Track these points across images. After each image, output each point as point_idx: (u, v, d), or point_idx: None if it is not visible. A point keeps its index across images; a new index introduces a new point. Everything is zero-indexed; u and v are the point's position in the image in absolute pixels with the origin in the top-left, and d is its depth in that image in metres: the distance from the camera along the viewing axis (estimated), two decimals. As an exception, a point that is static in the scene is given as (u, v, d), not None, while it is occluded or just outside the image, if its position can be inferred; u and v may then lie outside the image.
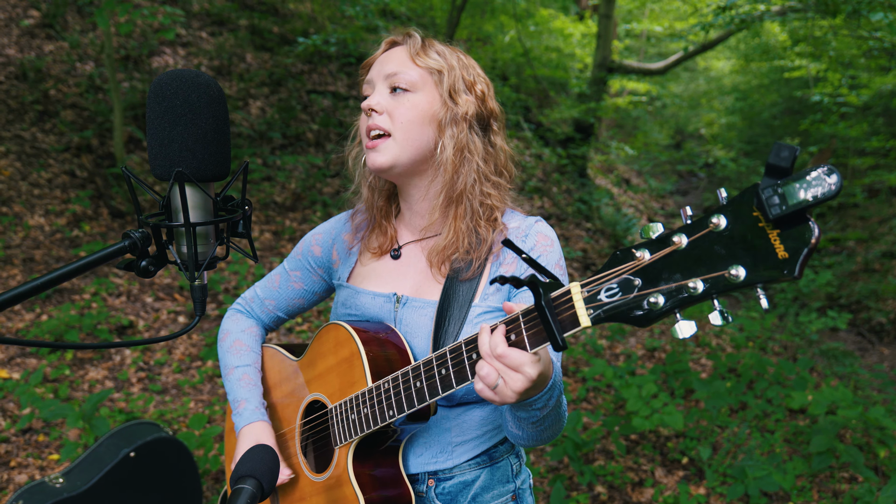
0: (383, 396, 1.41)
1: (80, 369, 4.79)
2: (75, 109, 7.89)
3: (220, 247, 1.20)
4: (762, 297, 0.87)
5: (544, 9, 12.97)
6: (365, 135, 1.54)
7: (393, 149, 1.51)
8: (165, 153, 1.11)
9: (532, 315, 1.11)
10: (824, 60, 10.45)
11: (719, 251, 0.90)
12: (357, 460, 1.50)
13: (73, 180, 7.02)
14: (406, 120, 1.50)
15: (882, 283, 9.06)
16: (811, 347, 6.85)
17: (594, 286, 1.01)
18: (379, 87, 1.54)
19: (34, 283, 1.03)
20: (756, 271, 0.87)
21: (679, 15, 13.55)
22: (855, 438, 4.32)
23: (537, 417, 1.29)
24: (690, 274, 0.92)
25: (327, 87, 10.09)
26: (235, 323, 1.84)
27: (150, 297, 5.76)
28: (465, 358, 1.23)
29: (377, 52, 1.62)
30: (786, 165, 0.84)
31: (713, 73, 18.62)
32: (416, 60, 1.53)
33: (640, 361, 5.86)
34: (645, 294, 0.96)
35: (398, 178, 1.58)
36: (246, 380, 1.74)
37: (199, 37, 9.79)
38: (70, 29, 8.79)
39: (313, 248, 1.78)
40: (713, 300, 0.92)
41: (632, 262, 0.98)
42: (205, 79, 1.13)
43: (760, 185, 0.86)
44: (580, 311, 1.02)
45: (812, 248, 0.83)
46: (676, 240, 0.94)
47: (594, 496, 3.96)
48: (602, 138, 14.02)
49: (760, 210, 0.86)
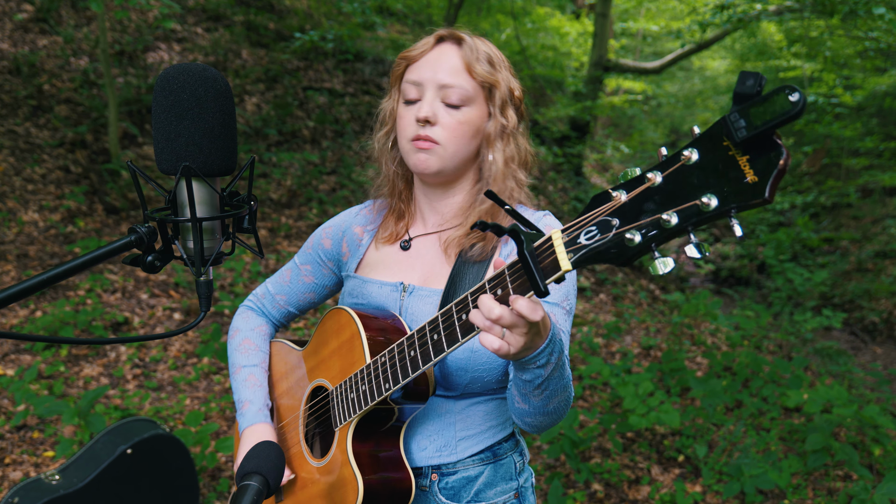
0: (380, 370, 1.42)
1: (75, 366, 4.77)
2: (69, 104, 7.84)
3: (225, 242, 1.19)
4: (735, 224, 0.87)
5: (541, 7, 12.97)
6: (410, 137, 1.55)
7: (442, 157, 1.53)
8: (172, 147, 1.10)
9: (516, 267, 1.12)
10: (819, 61, 10.48)
11: (692, 182, 0.90)
12: (357, 440, 1.50)
13: (67, 176, 6.98)
14: (459, 134, 1.53)
15: (875, 283, 9.11)
16: (805, 346, 6.88)
17: (573, 230, 1.03)
18: (430, 94, 1.53)
19: (40, 278, 1.02)
20: (727, 197, 0.87)
21: (675, 14, 13.56)
22: (849, 437, 4.35)
23: (542, 378, 1.29)
24: (665, 208, 0.93)
25: (323, 83, 10.06)
26: (246, 321, 1.86)
27: (146, 293, 5.74)
28: (455, 320, 1.24)
29: (424, 47, 1.58)
30: (751, 93, 0.86)
31: (708, 72, 18.63)
32: (472, 72, 1.53)
33: (636, 359, 5.87)
34: (621, 232, 0.96)
35: (437, 180, 1.61)
36: (251, 381, 1.75)
37: (194, 32, 9.74)
38: (64, 23, 8.74)
39: (323, 241, 1.80)
40: (689, 233, 0.92)
41: (609, 204, 0.99)
42: (212, 73, 1.13)
43: (728, 114, 0.87)
44: (560, 255, 1.03)
45: (781, 170, 0.84)
46: (651, 176, 0.94)
47: (591, 494, 3.96)
48: (598, 137, 14.04)
49: (729, 137, 0.87)
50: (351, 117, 9.75)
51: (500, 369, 1.54)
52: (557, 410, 1.41)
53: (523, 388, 1.35)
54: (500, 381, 1.57)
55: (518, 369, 1.31)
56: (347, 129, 9.37)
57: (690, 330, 6.65)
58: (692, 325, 6.75)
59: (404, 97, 1.56)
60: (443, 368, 1.54)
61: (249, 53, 9.81)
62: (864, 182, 11.89)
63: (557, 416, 1.42)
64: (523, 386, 1.35)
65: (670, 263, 0.95)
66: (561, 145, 11.49)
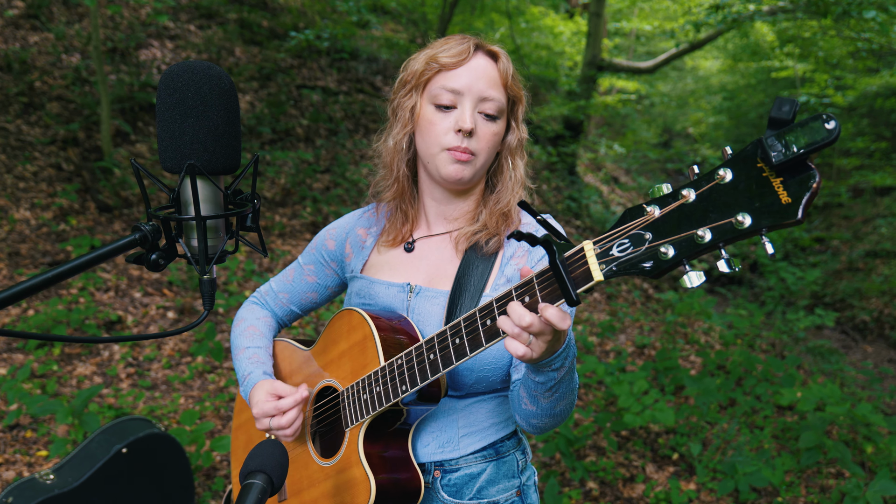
0: (396, 373, 1.43)
1: (68, 365, 4.75)
2: (61, 102, 7.79)
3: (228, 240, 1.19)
4: (767, 243, 0.91)
5: (535, 6, 12.98)
6: (447, 146, 1.54)
7: (475, 168, 1.57)
8: (176, 145, 1.10)
9: (546, 276, 1.15)
10: (811, 61, 10.54)
11: (726, 201, 0.95)
12: (367, 441, 1.51)
13: (59, 173, 6.94)
14: (492, 146, 1.58)
15: (866, 282, 9.17)
16: (798, 345, 6.92)
17: (605, 242, 1.06)
18: (470, 105, 1.54)
19: (46, 276, 1.02)
20: (761, 217, 0.92)
21: (668, 14, 13.60)
22: (841, 435, 4.37)
23: (554, 381, 1.33)
24: (699, 224, 0.97)
25: (317, 82, 10.04)
26: (251, 312, 1.88)
27: (139, 292, 5.71)
28: (479, 325, 1.27)
29: (460, 55, 1.56)
30: (787, 118, 0.90)
31: (701, 72, 18.72)
32: (507, 86, 1.59)
33: (631, 358, 5.89)
34: (655, 246, 1.00)
35: (461, 187, 1.62)
36: (255, 358, 1.75)
37: (187, 30, 9.70)
38: (55, 20, 8.68)
39: (327, 242, 1.81)
40: (721, 248, 0.96)
41: (642, 218, 1.03)
42: (216, 71, 1.12)
43: (764, 137, 0.91)
44: (593, 265, 1.07)
45: (814, 192, 0.89)
46: (685, 193, 0.98)
47: (586, 492, 3.97)
48: (591, 136, 14.06)
49: (764, 159, 0.91)
50: (345, 115, 9.74)
51: (504, 368, 1.56)
52: (564, 412, 1.43)
53: (534, 389, 1.37)
54: (503, 379, 1.58)
55: (532, 371, 1.34)
56: (341, 127, 9.35)
57: (684, 329, 6.67)
58: (686, 323, 6.78)
59: (436, 101, 1.55)
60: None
61: (243, 51, 9.77)
62: (855, 182, 11.97)
63: (562, 417, 1.44)
64: (535, 387, 1.37)
65: (701, 277, 0.98)
66: (555, 144, 11.50)
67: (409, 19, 12.05)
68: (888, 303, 8.63)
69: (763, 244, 0.92)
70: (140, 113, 8.11)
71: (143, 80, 8.31)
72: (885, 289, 8.85)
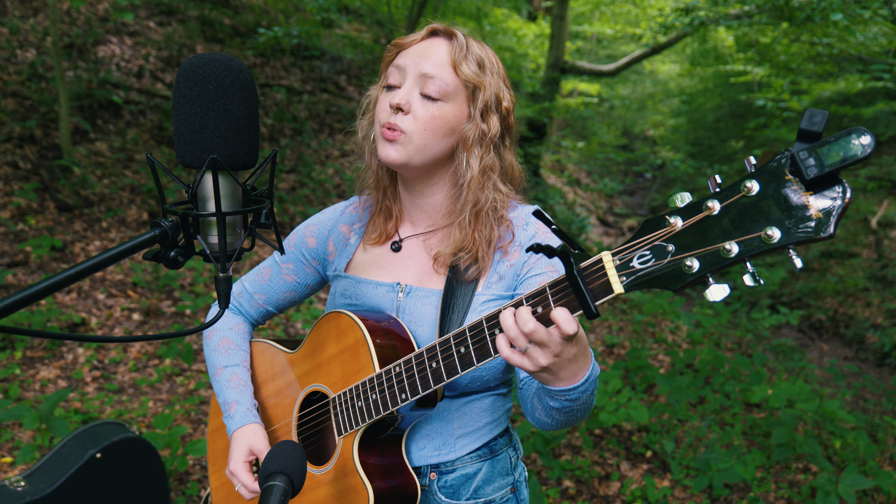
0: (395, 381, 1.38)
1: (31, 368, 4.59)
2: (17, 98, 7.53)
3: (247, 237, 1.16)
4: (795, 257, 0.89)
5: (498, 8, 13.04)
6: (381, 123, 1.49)
7: (409, 149, 1.46)
8: (196, 140, 1.07)
9: (560, 286, 1.11)
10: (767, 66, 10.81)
11: (753, 215, 0.92)
12: (361, 448, 1.47)
13: (16, 172, 6.71)
14: (430, 128, 1.46)
15: (821, 282, 9.44)
16: (762, 343, 7.09)
17: (626, 254, 1.03)
18: (410, 82, 1.47)
19: (64, 275, 0.98)
20: (790, 232, 0.89)
21: (629, 19, 13.81)
22: (808, 430, 4.49)
23: (570, 408, 1.29)
24: (725, 238, 0.94)
25: (281, 81, 9.92)
26: (222, 320, 1.78)
27: (103, 293, 5.56)
28: (486, 335, 1.22)
29: (415, 36, 1.53)
30: (818, 130, 0.88)
31: (660, 76, 19.04)
32: (457, 68, 1.47)
33: (601, 357, 5.95)
34: (679, 259, 0.98)
35: (406, 174, 1.56)
36: (235, 380, 1.69)
37: (146, 26, 9.49)
38: (10, 14, 8.40)
39: (307, 239, 1.73)
40: (746, 262, 0.94)
41: (664, 230, 1.00)
42: (237, 63, 1.09)
43: (794, 149, 0.89)
44: (613, 278, 1.04)
45: (845, 206, 0.87)
46: (710, 205, 0.96)
47: (562, 490, 4.00)
48: (555, 138, 14.19)
49: (795, 173, 0.89)
50: (309, 115, 9.63)
51: (500, 369, 1.54)
52: (580, 419, 1.40)
53: (550, 409, 1.35)
54: (497, 379, 1.56)
55: (548, 396, 1.30)
56: (306, 126, 9.25)
57: (652, 328, 6.77)
58: (653, 322, 6.88)
59: (385, 81, 1.51)
60: None
61: (204, 49, 9.59)
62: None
63: (577, 420, 1.41)
64: (550, 409, 1.35)
65: (726, 290, 0.96)
66: (520, 146, 11.58)
67: (373, 19, 12.00)
68: (842, 302, 8.90)
69: (791, 258, 0.89)
70: (99, 111, 7.90)
71: (101, 77, 8.09)
72: (839, 289, 9.13)
